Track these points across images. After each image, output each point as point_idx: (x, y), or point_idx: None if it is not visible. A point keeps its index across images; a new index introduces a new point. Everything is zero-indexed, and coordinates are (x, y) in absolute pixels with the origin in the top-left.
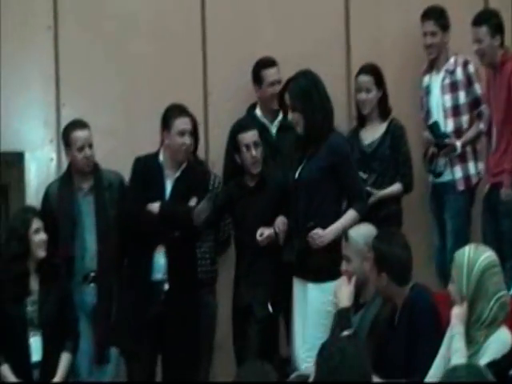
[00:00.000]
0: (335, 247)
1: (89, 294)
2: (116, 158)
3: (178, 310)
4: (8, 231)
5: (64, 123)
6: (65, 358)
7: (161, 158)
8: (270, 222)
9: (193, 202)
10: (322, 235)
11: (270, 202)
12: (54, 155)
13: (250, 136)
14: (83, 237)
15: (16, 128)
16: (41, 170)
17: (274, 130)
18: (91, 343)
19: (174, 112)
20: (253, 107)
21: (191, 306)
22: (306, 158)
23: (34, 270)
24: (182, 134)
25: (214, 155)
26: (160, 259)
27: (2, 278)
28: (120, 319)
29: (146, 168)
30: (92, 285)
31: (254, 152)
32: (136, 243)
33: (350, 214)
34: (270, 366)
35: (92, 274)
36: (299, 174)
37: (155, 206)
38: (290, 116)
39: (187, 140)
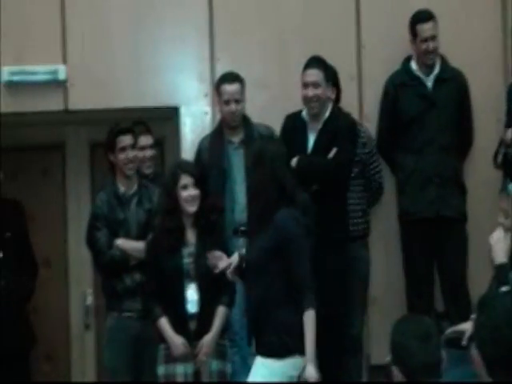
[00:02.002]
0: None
1: (239, 247)
2: (269, 111)
3: (327, 265)
4: (161, 186)
5: (217, 78)
6: (220, 312)
7: (304, 113)
8: None
9: (332, 153)
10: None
11: None
12: (208, 109)
13: None
14: (233, 190)
15: (171, 83)
16: (196, 124)
17: (429, 83)
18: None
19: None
20: (408, 60)
21: (341, 260)
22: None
23: (191, 223)
24: (305, 85)
25: (368, 109)
26: None
27: (157, 231)
28: None
29: (293, 124)
30: (242, 238)
31: None
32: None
33: (307, 317)
34: (429, 319)
35: (242, 228)
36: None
37: (293, 161)
38: None
39: (310, 92)
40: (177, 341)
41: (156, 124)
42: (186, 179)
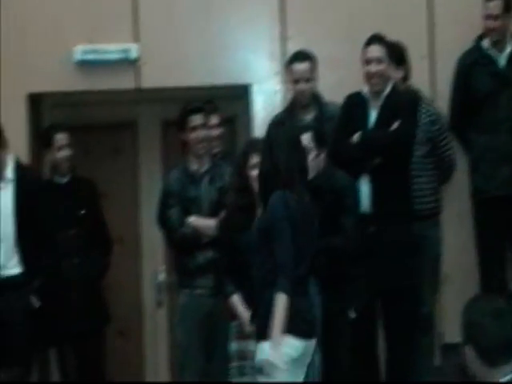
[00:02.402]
0: None
1: None
2: (340, 89)
3: (388, 243)
4: (232, 165)
5: (288, 56)
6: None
7: (364, 90)
8: None
9: (395, 125)
10: None
11: None
12: (279, 87)
13: None
14: None
15: (243, 61)
16: (267, 102)
17: (502, 61)
18: None
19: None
20: (480, 38)
21: (402, 238)
22: None
23: None
24: (368, 62)
25: (441, 87)
26: (365, 189)
27: (229, 209)
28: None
29: (353, 102)
30: None
31: None
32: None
33: (277, 300)
34: (502, 299)
35: None
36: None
37: (356, 136)
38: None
39: (373, 68)
40: (249, 317)
41: (227, 102)
42: (256, 158)
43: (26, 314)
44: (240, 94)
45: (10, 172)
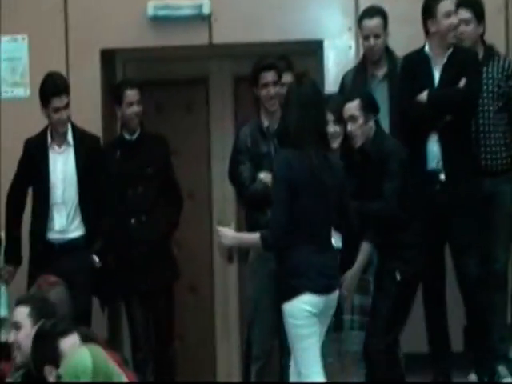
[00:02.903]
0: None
1: None
2: (413, 45)
3: (456, 199)
4: None
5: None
6: (364, 247)
7: (427, 48)
8: None
9: (462, 82)
10: (222, 235)
11: None
12: (352, 43)
13: None
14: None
15: (315, 17)
16: (339, 57)
17: None
18: None
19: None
20: None
21: (471, 194)
22: None
23: None
24: (448, 15)
25: None
26: (433, 147)
27: None
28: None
29: (415, 62)
30: None
31: None
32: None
33: (256, 236)
34: None
35: None
36: None
37: (423, 95)
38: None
39: (454, 20)
40: None
41: (299, 58)
42: (327, 116)
43: (89, 273)
44: (312, 50)
45: (69, 136)
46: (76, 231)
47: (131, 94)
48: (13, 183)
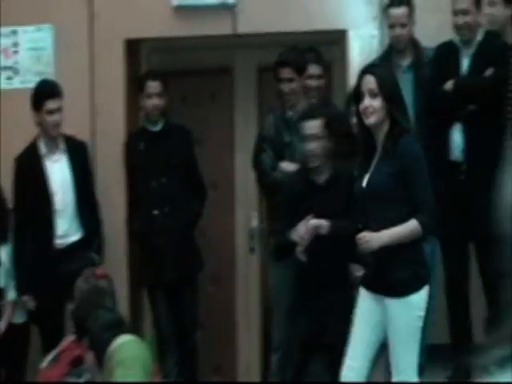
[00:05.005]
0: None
1: None
2: (439, 35)
3: (479, 189)
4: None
5: (386, 0)
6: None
7: (455, 39)
8: None
9: (489, 72)
10: (369, 239)
11: None
12: (376, 32)
13: None
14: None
15: (339, 6)
16: (364, 47)
17: None
18: None
19: None
20: None
21: (491, 184)
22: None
23: None
24: (455, 13)
25: None
26: (457, 137)
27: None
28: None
29: (445, 51)
30: None
31: None
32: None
33: (412, 224)
34: None
35: None
36: (368, 183)
37: (449, 83)
38: (368, 102)
39: (460, 20)
40: None
41: (324, 48)
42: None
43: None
44: (337, 40)
45: (62, 142)
46: (76, 234)
47: (153, 86)
48: (17, 206)
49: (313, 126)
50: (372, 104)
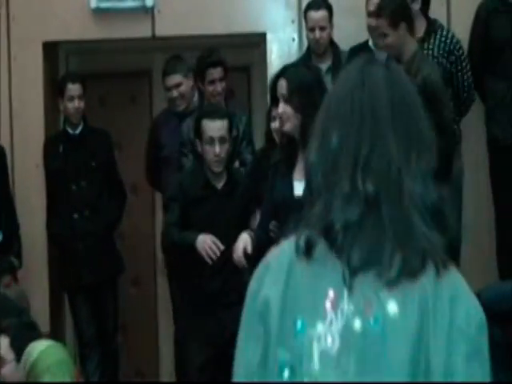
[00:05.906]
0: None
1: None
2: (357, 38)
3: None
4: None
5: (305, 4)
6: None
7: (370, 43)
8: None
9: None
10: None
11: None
12: (295, 35)
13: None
14: None
15: (258, 9)
16: (282, 50)
17: None
18: None
19: None
20: None
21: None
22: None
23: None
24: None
25: (457, 29)
26: None
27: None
28: None
29: (358, 54)
30: None
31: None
32: None
33: None
34: None
35: None
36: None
37: None
38: (282, 108)
39: (372, 22)
40: None
41: (243, 51)
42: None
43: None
44: (256, 43)
45: None
46: None
47: (73, 89)
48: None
49: (221, 127)
50: (285, 110)
